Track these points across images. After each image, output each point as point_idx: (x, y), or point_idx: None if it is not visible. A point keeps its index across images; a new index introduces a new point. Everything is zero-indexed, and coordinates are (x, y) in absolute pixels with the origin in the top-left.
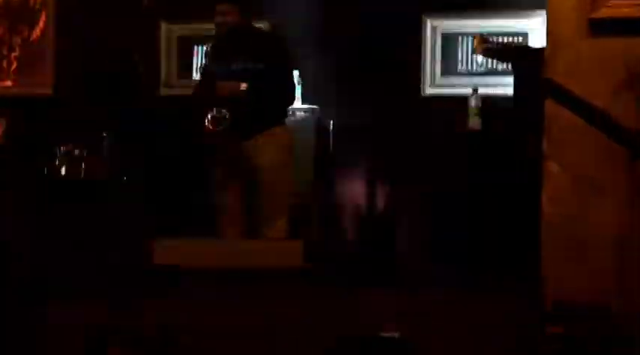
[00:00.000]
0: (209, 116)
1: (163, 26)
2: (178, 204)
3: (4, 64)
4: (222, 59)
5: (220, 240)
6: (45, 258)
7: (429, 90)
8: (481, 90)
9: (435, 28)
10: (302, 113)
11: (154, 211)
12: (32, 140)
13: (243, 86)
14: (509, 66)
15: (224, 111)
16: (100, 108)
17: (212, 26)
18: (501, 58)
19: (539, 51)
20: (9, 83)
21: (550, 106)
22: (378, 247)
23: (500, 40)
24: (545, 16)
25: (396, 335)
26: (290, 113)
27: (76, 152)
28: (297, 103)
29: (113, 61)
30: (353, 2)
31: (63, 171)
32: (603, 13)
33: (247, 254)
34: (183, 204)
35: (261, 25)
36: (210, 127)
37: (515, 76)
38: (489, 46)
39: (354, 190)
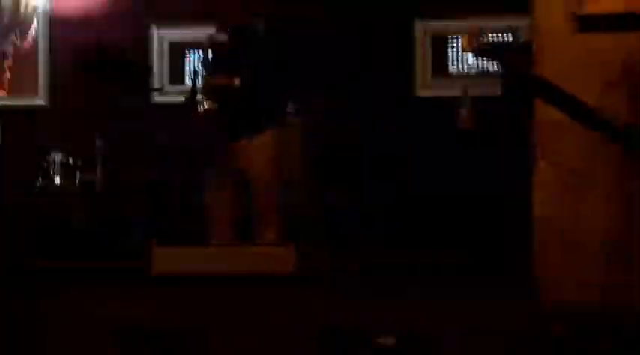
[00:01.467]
0: (199, 108)
1: (154, 31)
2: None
3: None
4: (221, 59)
5: (215, 247)
6: None
7: (421, 92)
8: (473, 91)
9: (425, 29)
10: (292, 116)
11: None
12: (26, 149)
13: (236, 81)
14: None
15: (214, 103)
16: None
17: (204, 32)
18: (490, 56)
19: (528, 47)
20: (3, 93)
21: (539, 103)
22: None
23: (492, 37)
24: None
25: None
26: (283, 116)
27: (70, 161)
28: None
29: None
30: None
31: (57, 180)
32: (588, 9)
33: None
34: (173, 207)
35: None
36: (201, 119)
37: (503, 74)
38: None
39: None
